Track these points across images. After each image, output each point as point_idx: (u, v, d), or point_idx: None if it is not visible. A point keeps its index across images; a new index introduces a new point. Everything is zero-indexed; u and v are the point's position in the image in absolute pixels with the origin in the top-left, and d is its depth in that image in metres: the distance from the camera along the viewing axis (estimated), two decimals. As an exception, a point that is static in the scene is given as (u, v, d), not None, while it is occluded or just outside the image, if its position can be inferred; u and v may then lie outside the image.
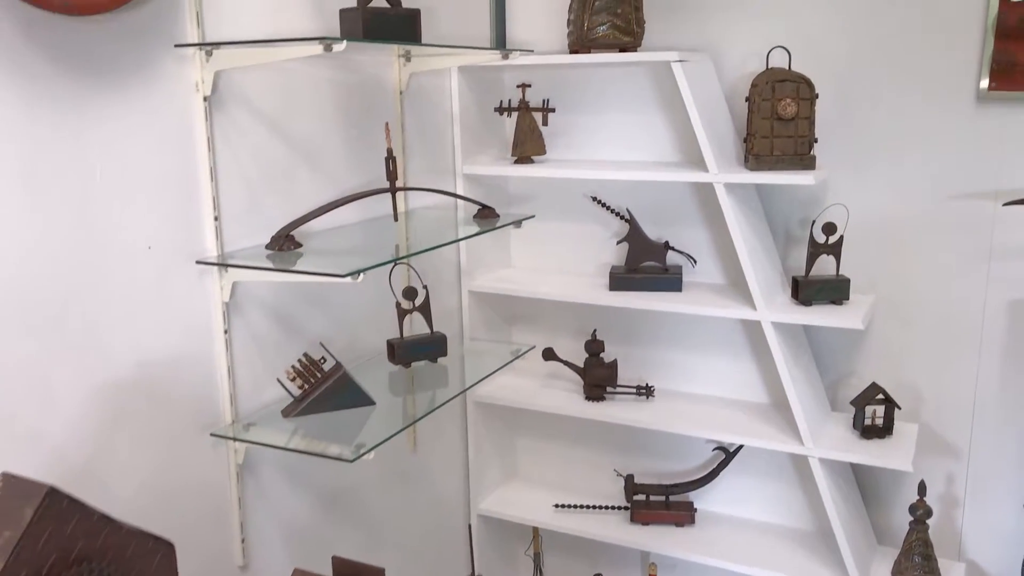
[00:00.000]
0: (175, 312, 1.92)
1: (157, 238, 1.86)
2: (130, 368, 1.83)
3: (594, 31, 2.63)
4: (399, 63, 2.55)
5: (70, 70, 1.65)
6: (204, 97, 1.91)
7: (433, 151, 2.77)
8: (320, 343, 2.21)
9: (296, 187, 2.23)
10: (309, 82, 2.25)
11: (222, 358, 2.04)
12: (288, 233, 2.06)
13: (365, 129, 2.45)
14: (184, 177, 1.91)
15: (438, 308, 2.69)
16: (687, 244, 2.88)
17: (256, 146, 2.09)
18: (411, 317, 2.49)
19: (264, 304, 2.15)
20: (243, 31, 2.01)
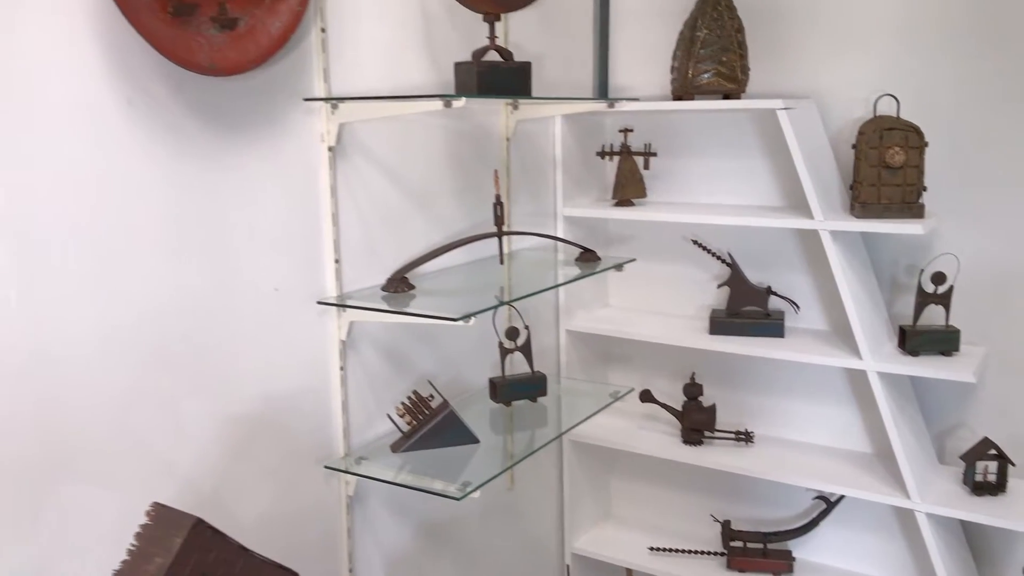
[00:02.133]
0: (296, 350, 2.03)
1: (283, 280, 1.97)
2: (255, 402, 1.94)
3: (699, 78, 2.67)
4: (507, 111, 2.64)
5: (212, 125, 1.78)
6: (329, 147, 2.03)
7: (536, 194, 2.85)
8: (428, 381, 2.29)
9: (409, 230, 2.32)
10: (423, 130, 2.35)
11: (337, 394, 2.13)
12: (402, 275, 2.15)
13: (473, 174, 2.54)
14: (309, 223, 2.02)
15: (536, 346, 2.74)
16: (789, 289, 2.86)
17: (373, 192, 2.20)
18: (512, 356, 2.55)
19: (376, 342, 2.25)
20: (365, 84, 2.13)
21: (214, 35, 1.71)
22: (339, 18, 2.04)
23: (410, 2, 2.25)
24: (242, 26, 1.76)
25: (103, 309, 1.62)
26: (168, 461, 1.76)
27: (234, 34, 1.74)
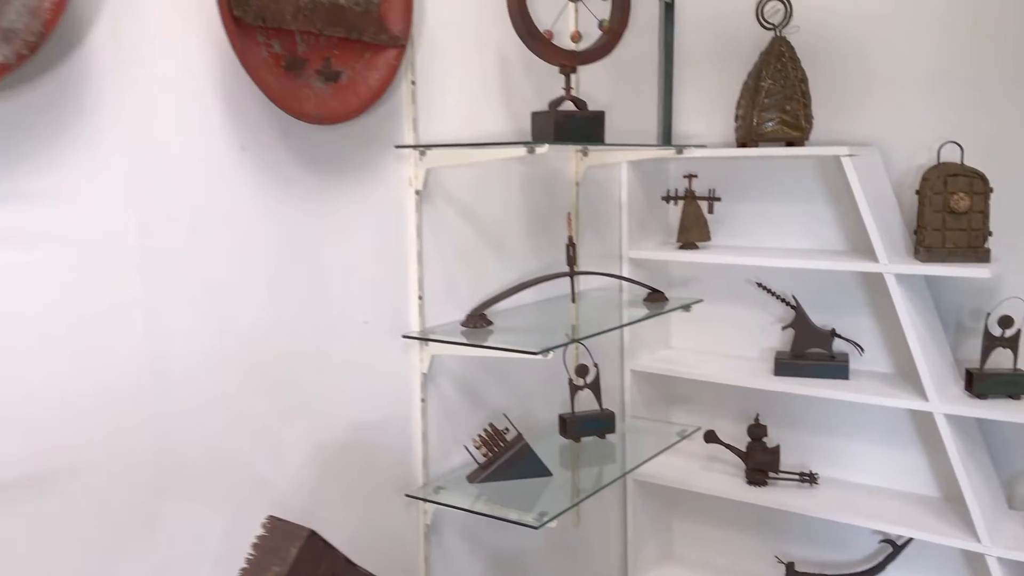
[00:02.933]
0: (381, 381, 2.13)
1: (372, 314, 2.09)
2: (343, 429, 2.04)
3: (763, 126, 2.76)
4: (577, 157, 2.76)
5: (313, 169, 1.92)
6: (416, 191, 2.16)
7: (603, 237, 2.95)
8: (504, 414, 2.38)
9: (485, 269, 2.44)
10: (499, 176, 2.48)
11: (418, 424, 2.23)
12: (480, 312, 2.26)
13: (544, 217, 2.65)
14: (396, 261, 2.15)
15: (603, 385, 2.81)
16: (853, 332, 2.90)
17: (454, 233, 2.32)
18: (581, 393, 2.63)
19: (454, 376, 2.35)
20: (448, 132, 2.27)
21: (320, 87, 1.86)
22: (427, 71, 2.18)
23: (490, 56, 2.39)
24: (344, 79, 1.91)
25: (213, 336, 1.75)
26: (265, 481, 1.87)
27: (337, 86, 1.89)
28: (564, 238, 2.62)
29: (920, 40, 2.74)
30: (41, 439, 1.48)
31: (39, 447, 1.48)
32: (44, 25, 1.36)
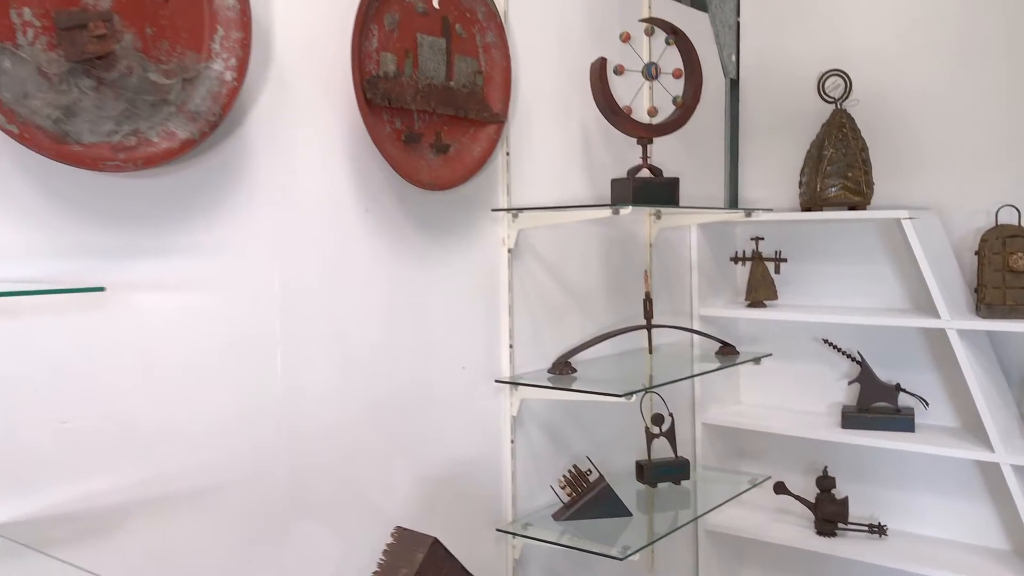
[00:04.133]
0: (476, 422, 2.34)
1: (469, 360, 2.31)
2: (443, 465, 2.25)
3: (826, 191, 2.95)
4: (650, 220, 2.97)
5: (423, 229, 2.18)
6: (508, 250, 2.40)
7: (675, 295, 3.14)
8: (587, 457, 2.55)
9: (568, 321, 2.64)
10: (580, 237, 2.70)
11: (508, 464, 2.42)
12: (566, 360, 2.46)
13: (620, 275, 2.86)
14: (490, 312, 2.37)
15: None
16: (918, 387, 3.02)
17: (540, 288, 2.54)
18: (656, 441, 2.79)
19: (540, 420, 2.54)
20: (536, 197, 2.51)
21: (432, 158, 2.12)
22: (519, 143, 2.44)
23: (574, 129, 2.65)
24: (452, 151, 2.17)
25: (337, 372, 1.98)
26: (377, 507, 2.08)
27: (446, 157, 2.15)
28: (640, 294, 2.83)
29: (974, 110, 2.92)
30: (198, 457, 1.72)
31: (196, 464, 1.72)
32: (222, 108, 1.65)
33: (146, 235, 1.62)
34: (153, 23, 1.58)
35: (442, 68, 2.12)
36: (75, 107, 1.48)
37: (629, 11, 2.85)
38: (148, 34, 1.57)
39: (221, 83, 1.65)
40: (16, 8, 1.41)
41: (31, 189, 1.48)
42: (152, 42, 1.57)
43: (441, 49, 2.11)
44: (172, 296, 1.67)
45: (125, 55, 1.54)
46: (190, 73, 1.62)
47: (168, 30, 1.60)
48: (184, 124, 1.61)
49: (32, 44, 1.43)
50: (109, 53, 1.49)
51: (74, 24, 1.45)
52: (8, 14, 1.40)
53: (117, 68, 1.52)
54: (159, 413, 1.66)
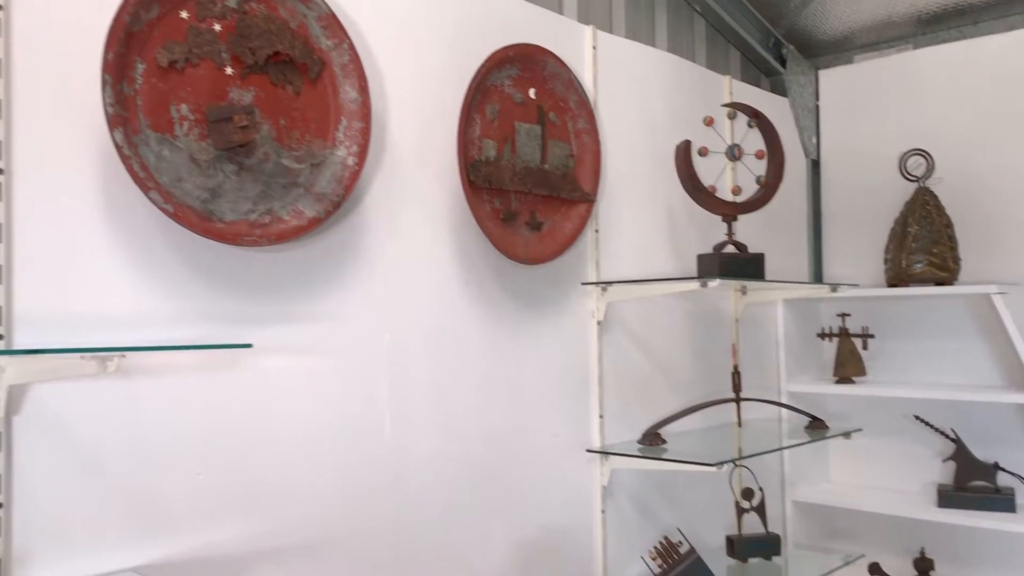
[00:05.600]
0: (567, 490, 2.40)
1: (560, 429, 2.39)
2: (535, 530, 2.31)
3: (912, 268, 2.97)
4: (736, 296, 3.04)
5: (517, 302, 2.30)
6: (598, 322, 2.50)
7: (761, 370, 3.17)
8: (677, 529, 2.58)
9: (656, 394, 2.71)
10: (666, 311, 2.79)
11: (599, 533, 2.47)
12: (656, 431, 2.52)
13: (706, 350, 2.92)
14: (580, 383, 2.46)
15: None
16: (1017, 465, 2.95)
17: (627, 360, 2.62)
18: (746, 516, 2.79)
19: (630, 491, 2.58)
20: (623, 271, 2.61)
21: (527, 234, 2.26)
22: (608, 221, 2.56)
23: (659, 207, 2.76)
24: (546, 228, 2.31)
25: (438, 437, 2.09)
26: (474, 570, 2.14)
27: (540, 234, 2.29)
28: (726, 369, 2.88)
29: (1063, 187, 2.93)
30: (314, 511, 1.83)
31: (312, 518, 1.83)
32: (344, 190, 1.82)
33: (274, 304, 1.79)
34: (286, 115, 1.77)
35: (537, 152, 2.28)
36: (220, 189, 1.67)
37: (710, 97, 2.99)
38: (282, 125, 1.76)
39: (344, 167, 1.83)
40: (175, 104, 1.62)
41: (178, 263, 1.66)
42: (285, 132, 1.77)
43: (536, 135, 2.28)
44: (294, 360, 1.82)
45: (263, 143, 1.73)
46: (317, 159, 1.80)
47: (299, 121, 1.79)
48: (311, 204, 1.78)
49: (187, 135, 1.63)
50: (250, 142, 1.69)
51: (222, 117, 1.66)
52: (169, 109, 1.61)
53: (256, 155, 1.72)
54: (281, 469, 1.79)
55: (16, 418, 1.45)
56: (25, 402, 1.47)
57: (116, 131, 1.50)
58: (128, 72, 1.55)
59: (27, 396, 1.47)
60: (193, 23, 1.64)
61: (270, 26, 1.73)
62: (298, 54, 1.77)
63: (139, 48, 1.57)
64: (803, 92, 3.50)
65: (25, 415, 1.46)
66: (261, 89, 1.73)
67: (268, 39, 1.72)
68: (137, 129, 1.56)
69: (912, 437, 3.19)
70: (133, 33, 1.55)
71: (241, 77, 1.70)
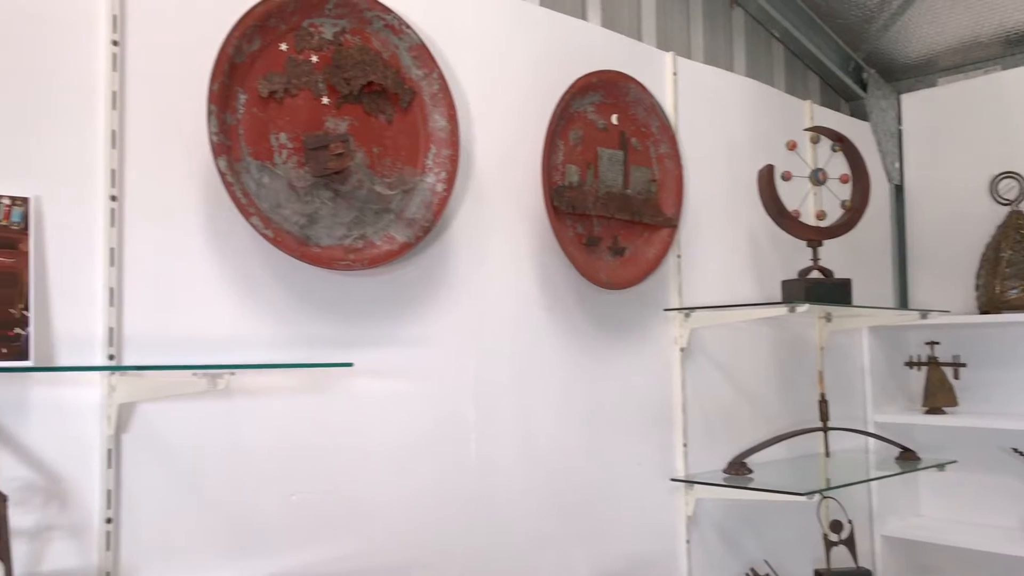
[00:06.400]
0: (652, 519, 2.36)
1: (643, 457, 2.36)
2: (619, 560, 2.27)
3: (1006, 294, 2.87)
4: (820, 324, 2.97)
5: (599, 327, 2.29)
6: (681, 349, 2.47)
7: (847, 400, 3.08)
8: (765, 561, 2.51)
9: (740, 422, 2.65)
10: (750, 338, 2.74)
11: (684, 564, 2.42)
12: (741, 460, 2.46)
13: (791, 378, 2.86)
14: (663, 410, 2.43)
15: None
16: (1126, 501, 2.80)
17: (711, 388, 2.58)
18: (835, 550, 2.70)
19: (715, 521, 2.53)
20: (706, 297, 2.58)
21: (610, 260, 2.26)
22: (689, 246, 2.54)
23: (741, 233, 2.73)
24: (628, 253, 2.30)
25: (523, 462, 2.08)
26: (559, 599, 2.12)
27: (623, 259, 2.28)
28: (810, 399, 2.81)
29: None
30: (403, 533, 1.84)
31: (401, 539, 1.84)
32: (434, 215, 1.85)
33: (365, 327, 1.82)
34: (379, 143, 1.82)
35: (620, 177, 2.28)
36: (316, 215, 1.71)
37: (791, 122, 2.96)
38: (375, 152, 1.81)
39: (433, 193, 1.86)
40: (275, 133, 1.67)
41: (276, 287, 1.70)
42: (378, 159, 1.81)
43: (619, 160, 2.28)
44: (385, 383, 1.84)
45: (357, 171, 1.77)
46: (408, 185, 1.84)
47: (391, 149, 1.83)
48: (402, 229, 1.81)
49: (285, 162, 1.68)
50: (345, 169, 1.73)
51: (319, 145, 1.70)
52: (268, 138, 1.66)
53: (350, 182, 1.76)
54: (371, 490, 1.80)
55: (124, 436, 1.50)
56: (132, 421, 1.52)
57: (220, 159, 1.56)
58: (231, 102, 1.61)
59: (134, 415, 1.52)
60: (292, 55, 1.70)
61: (364, 57, 1.78)
62: (390, 84, 1.81)
63: (241, 79, 1.63)
64: (885, 117, 3.44)
65: (132, 433, 1.51)
66: (355, 118, 1.78)
67: (362, 69, 1.77)
68: (239, 157, 1.62)
69: (1007, 470, 3.06)
70: (236, 65, 1.61)
71: (336, 106, 1.75)
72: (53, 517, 1.43)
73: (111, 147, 1.52)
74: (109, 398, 1.47)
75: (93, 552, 1.46)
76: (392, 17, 1.81)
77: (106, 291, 1.49)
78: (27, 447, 1.41)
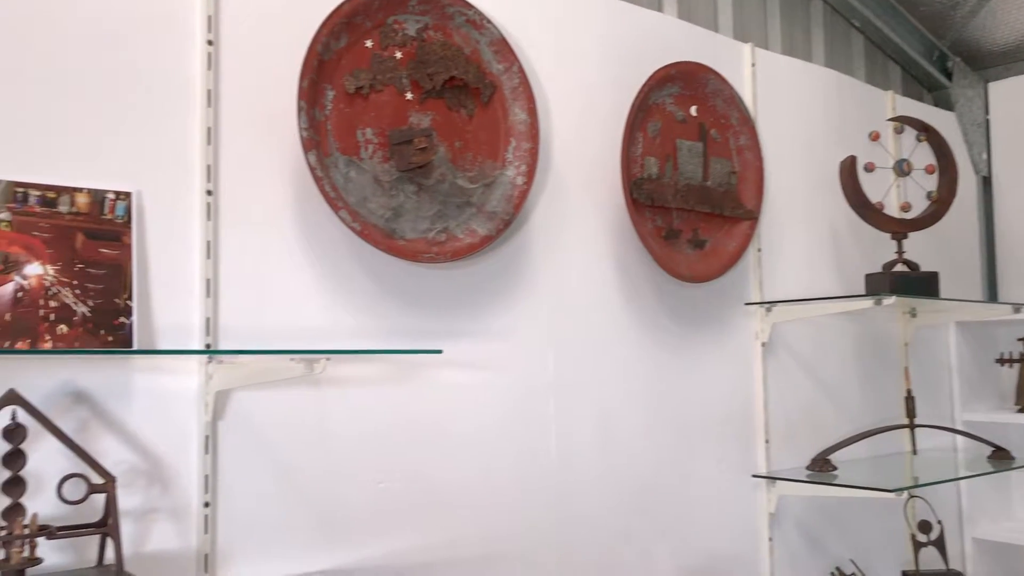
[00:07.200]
0: (733, 515, 2.33)
1: (725, 454, 2.33)
2: (700, 556, 2.25)
3: (1105, 286, 2.75)
4: (904, 319, 2.89)
5: (679, 321, 2.27)
6: (762, 344, 2.43)
7: (933, 398, 2.99)
8: (851, 560, 2.45)
9: (822, 419, 2.60)
10: (831, 333, 2.68)
11: (766, 563, 2.38)
12: (825, 457, 2.41)
13: (874, 375, 2.78)
14: (744, 406, 2.39)
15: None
16: None
17: (794, 384, 2.53)
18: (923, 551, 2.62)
19: (797, 519, 2.48)
20: (787, 291, 2.54)
21: (689, 253, 2.24)
22: (770, 239, 2.50)
23: (821, 226, 2.68)
24: (708, 246, 2.28)
25: (601, 457, 2.08)
26: (640, 593, 2.11)
27: (703, 252, 2.26)
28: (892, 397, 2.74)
29: None
30: (484, 525, 1.86)
31: (483, 531, 1.85)
32: (514, 208, 1.86)
33: (447, 320, 1.84)
34: (461, 137, 1.84)
35: (699, 169, 2.26)
36: (400, 209, 1.74)
37: (872, 112, 2.88)
38: (456, 147, 1.83)
39: (513, 187, 1.88)
40: (361, 128, 1.71)
41: (363, 279, 1.74)
42: (459, 153, 1.83)
43: (698, 152, 2.26)
44: (468, 375, 1.86)
45: (439, 165, 1.80)
46: (489, 179, 1.86)
47: (472, 143, 1.85)
48: (483, 222, 1.83)
49: (371, 157, 1.71)
50: (429, 163, 1.76)
51: (403, 140, 1.73)
52: (355, 133, 1.70)
53: (433, 176, 1.78)
54: (454, 480, 1.82)
55: (220, 423, 1.55)
56: (228, 408, 1.56)
57: (310, 154, 1.60)
58: (320, 99, 1.65)
59: (230, 402, 1.56)
60: (377, 51, 1.73)
61: (446, 52, 1.80)
62: (472, 78, 1.83)
63: (329, 76, 1.67)
64: (971, 106, 3.33)
65: (228, 421, 1.56)
66: (438, 113, 1.80)
67: (444, 65, 1.80)
68: (328, 152, 1.66)
69: (1109, 473, 2.92)
70: (324, 62, 1.65)
71: (420, 102, 1.78)
72: (155, 500, 1.48)
73: (207, 143, 1.57)
74: (206, 386, 1.52)
75: (192, 535, 1.51)
76: (473, 12, 1.83)
77: (203, 282, 1.54)
78: (131, 432, 1.47)
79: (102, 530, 1.33)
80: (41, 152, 1.42)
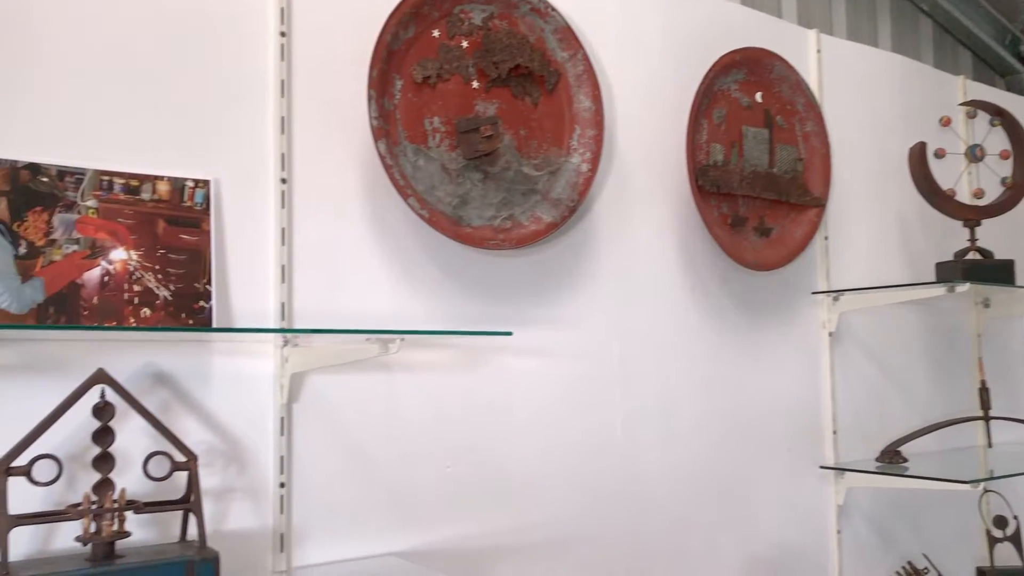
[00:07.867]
0: (800, 507, 2.30)
1: (792, 444, 2.30)
2: (766, 546, 2.22)
3: None
4: (977, 310, 2.82)
5: (743, 309, 2.25)
6: (829, 333, 2.39)
7: (1005, 391, 2.91)
8: (924, 555, 2.40)
9: (891, 410, 2.55)
10: (902, 323, 2.62)
11: (834, 556, 2.34)
12: (895, 448, 2.36)
13: (944, 366, 2.72)
14: (811, 396, 2.36)
15: (1020, 545, 2.69)
16: None
17: (862, 374, 2.49)
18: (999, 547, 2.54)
19: (865, 511, 2.44)
20: (854, 280, 2.49)
21: (756, 240, 2.21)
22: (837, 226, 2.46)
23: (890, 213, 2.62)
24: (774, 234, 2.25)
25: (665, 445, 2.07)
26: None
27: (769, 240, 2.24)
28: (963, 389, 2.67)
29: None
30: (550, 510, 1.87)
31: (549, 516, 1.86)
32: (579, 195, 1.87)
33: (514, 306, 1.85)
34: (525, 125, 1.85)
35: (765, 156, 2.23)
36: (467, 196, 1.76)
37: (942, 98, 2.82)
38: (522, 135, 1.84)
39: (578, 174, 1.88)
40: (429, 117, 1.73)
41: (431, 265, 1.76)
42: (524, 141, 1.84)
43: (764, 139, 2.24)
44: (532, 360, 1.87)
45: (505, 152, 1.81)
46: (554, 166, 1.87)
47: (537, 131, 1.86)
48: (548, 210, 1.84)
49: (438, 146, 1.74)
50: (494, 151, 1.77)
51: (469, 128, 1.75)
52: (423, 123, 1.72)
53: (499, 163, 1.80)
54: (520, 465, 1.84)
55: (295, 405, 1.59)
56: (303, 391, 1.60)
57: (380, 142, 1.63)
58: (389, 88, 1.68)
59: (304, 385, 1.60)
60: (444, 41, 1.75)
61: (511, 41, 1.82)
62: (537, 66, 1.84)
63: (398, 65, 1.69)
64: (1045, 90, 3.23)
65: (302, 403, 1.60)
66: (503, 101, 1.82)
67: (510, 53, 1.81)
68: (396, 140, 1.68)
69: None
70: (393, 52, 1.68)
71: (486, 90, 1.80)
72: (233, 479, 1.53)
73: (280, 132, 1.61)
74: (282, 368, 1.56)
75: (268, 514, 1.55)
76: (538, 1, 1.84)
77: (278, 268, 1.58)
78: (210, 414, 1.51)
79: (186, 506, 1.38)
80: (124, 142, 1.48)
